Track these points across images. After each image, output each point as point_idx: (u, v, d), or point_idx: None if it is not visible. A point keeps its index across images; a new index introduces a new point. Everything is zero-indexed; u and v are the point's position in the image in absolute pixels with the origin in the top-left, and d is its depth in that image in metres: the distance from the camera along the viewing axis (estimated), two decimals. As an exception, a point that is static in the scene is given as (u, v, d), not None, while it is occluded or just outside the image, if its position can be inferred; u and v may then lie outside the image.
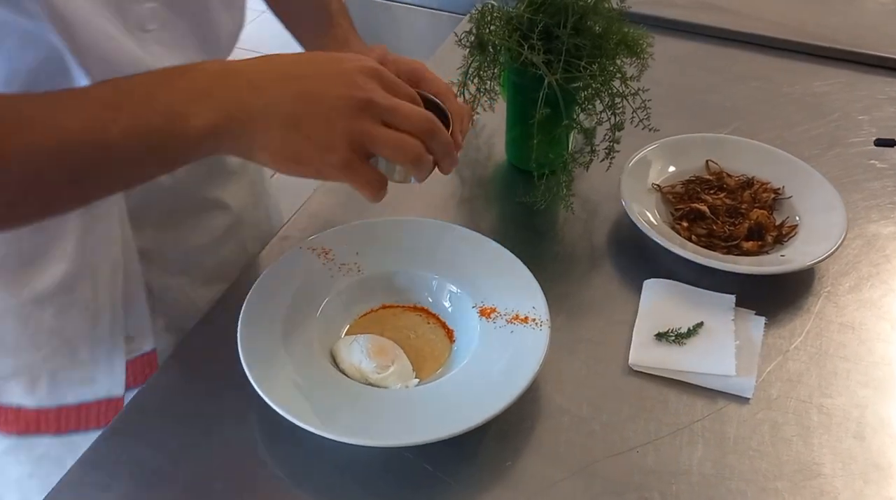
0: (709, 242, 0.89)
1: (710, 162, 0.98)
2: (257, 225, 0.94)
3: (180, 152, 0.57)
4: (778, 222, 0.92)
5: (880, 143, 1.01)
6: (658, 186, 0.95)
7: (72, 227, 0.71)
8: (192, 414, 0.74)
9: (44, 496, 0.67)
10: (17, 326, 0.74)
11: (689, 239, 0.89)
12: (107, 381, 0.78)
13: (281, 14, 0.92)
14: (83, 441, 0.74)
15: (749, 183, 0.96)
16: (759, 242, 0.89)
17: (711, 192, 0.95)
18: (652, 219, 0.90)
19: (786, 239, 0.90)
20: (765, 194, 0.94)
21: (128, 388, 0.81)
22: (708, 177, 0.97)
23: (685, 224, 0.91)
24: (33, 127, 0.53)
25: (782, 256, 0.87)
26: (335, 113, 0.56)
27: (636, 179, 0.94)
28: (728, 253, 0.88)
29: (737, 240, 0.89)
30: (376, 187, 0.60)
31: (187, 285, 0.85)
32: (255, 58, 0.59)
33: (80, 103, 0.54)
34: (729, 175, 0.97)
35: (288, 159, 0.57)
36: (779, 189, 0.95)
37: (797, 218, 0.92)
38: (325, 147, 0.56)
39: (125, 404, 0.76)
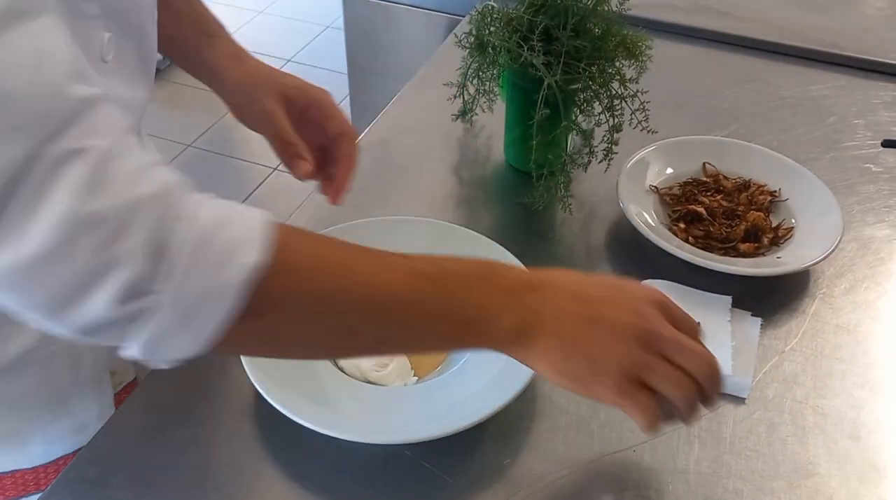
0: (706, 243, 0.90)
1: (707, 164, 0.99)
2: None
3: (473, 343, 0.60)
4: (774, 225, 0.92)
5: (888, 144, 1.02)
6: (655, 187, 0.96)
7: None
8: (190, 410, 0.74)
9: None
10: (2, 390, 0.71)
11: (687, 240, 0.90)
12: (99, 423, 0.75)
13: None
14: None
15: (746, 185, 0.97)
16: (756, 244, 0.90)
17: (708, 194, 0.95)
18: (649, 220, 0.91)
19: (782, 241, 0.90)
20: (761, 197, 0.95)
21: None
22: (705, 179, 0.98)
23: (682, 226, 0.91)
24: (363, 280, 0.54)
25: (779, 257, 0.88)
26: (618, 339, 0.57)
27: (634, 180, 0.95)
28: (725, 255, 0.89)
29: (733, 242, 0.90)
30: (650, 414, 0.58)
31: None
32: (559, 273, 0.61)
33: (404, 268, 0.56)
34: (726, 177, 0.98)
35: (564, 375, 0.58)
36: (775, 192, 0.96)
37: (793, 221, 0.93)
38: (603, 370, 0.57)
39: (123, 400, 0.76)
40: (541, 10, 0.87)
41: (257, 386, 0.69)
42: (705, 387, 0.59)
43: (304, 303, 0.52)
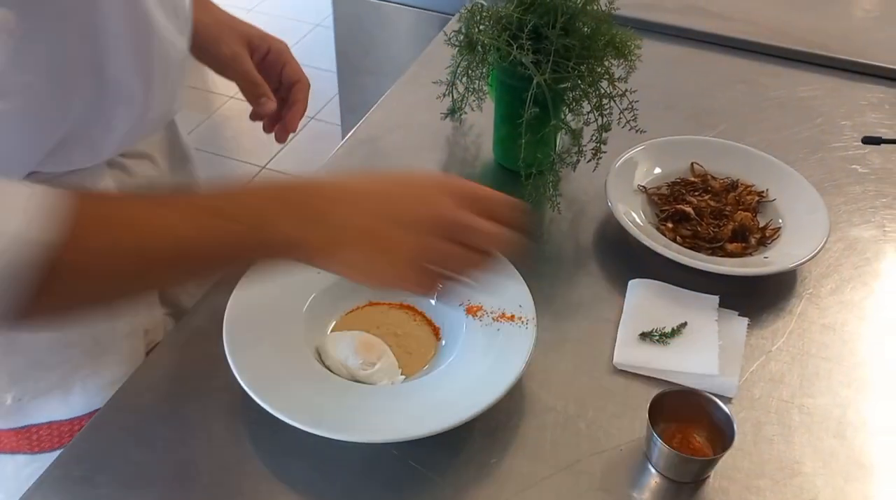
0: (693, 243, 0.90)
1: (695, 164, 0.99)
2: None
3: (248, 259, 0.62)
4: (762, 225, 0.93)
5: (868, 141, 1.02)
6: (644, 187, 0.96)
7: None
8: (177, 409, 0.74)
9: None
10: (50, 338, 0.75)
11: (674, 240, 0.90)
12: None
13: None
14: None
15: (734, 185, 0.97)
16: (743, 245, 0.90)
17: (696, 194, 0.96)
18: (637, 220, 0.91)
19: (769, 241, 0.91)
20: (749, 197, 0.95)
21: None
22: (693, 179, 0.98)
23: (670, 225, 0.92)
24: (148, 230, 0.54)
25: (765, 257, 0.88)
26: (410, 232, 0.58)
27: (622, 180, 0.95)
28: (712, 254, 0.89)
29: (721, 242, 0.90)
30: (425, 289, 0.62)
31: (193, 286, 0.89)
32: (339, 176, 0.63)
33: (189, 211, 0.56)
34: (714, 177, 0.98)
35: (356, 268, 0.60)
36: (763, 192, 0.96)
37: (780, 221, 0.93)
38: (397, 263, 0.59)
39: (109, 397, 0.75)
40: (530, 9, 0.87)
41: (244, 385, 0.69)
42: (492, 259, 0.62)
43: (96, 270, 0.52)
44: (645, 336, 0.80)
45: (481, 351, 0.74)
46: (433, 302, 0.80)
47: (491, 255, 0.62)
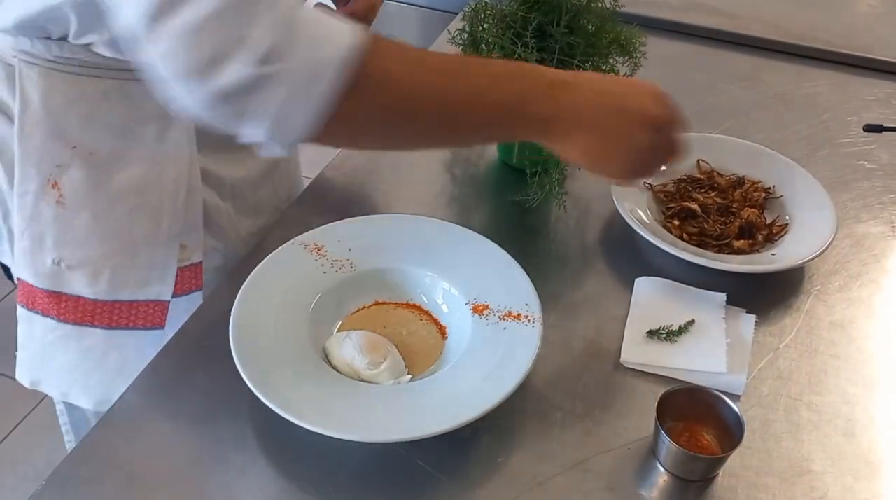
0: (700, 240, 0.90)
1: (701, 161, 0.99)
2: (289, 174, 1.03)
3: (503, 130, 0.71)
4: (769, 221, 0.92)
5: (869, 128, 1.02)
6: (649, 184, 0.95)
7: (149, 132, 0.79)
8: (184, 409, 0.74)
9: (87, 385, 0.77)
10: (90, 219, 0.80)
11: (681, 237, 0.90)
12: (158, 284, 0.85)
13: None
14: (128, 338, 0.86)
15: (740, 182, 0.97)
16: (751, 241, 0.89)
17: (703, 191, 0.95)
18: (644, 217, 0.91)
19: (776, 238, 0.90)
20: (756, 194, 0.95)
21: (174, 295, 0.86)
22: (699, 176, 0.98)
23: (676, 222, 0.91)
24: (466, 81, 0.65)
25: (773, 254, 0.88)
26: (637, 128, 0.68)
27: None
28: (719, 251, 0.89)
29: (728, 239, 0.90)
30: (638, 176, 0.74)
31: (232, 210, 0.92)
32: (588, 74, 0.78)
33: (480, 70, 0.67)
34: (720, 174, 0.97)
35: (590, 155, 0.69)
36: (769, 189, 0.96)
37: (787, 217, 0.92)
38: (625, 156, 0.69)
39: (122, 394, 0.75)
40: (534, 7, 0.87)
41: (250, 385, 0.69)
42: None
43: (400, 88, 0.62)
44: (652, 334, 0.80)
45: (488, 350, 0.74)
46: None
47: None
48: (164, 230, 0.83)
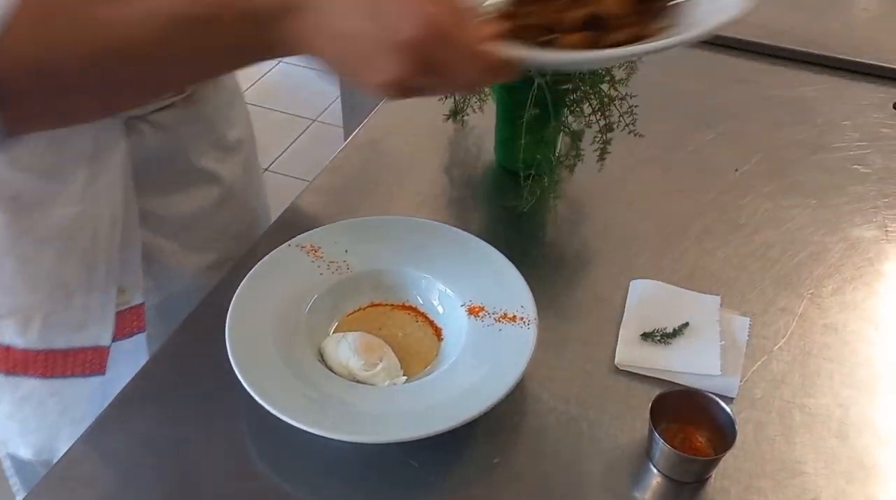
0: (525, 29, 0.67)
1: None
2: (246, 202, 0.97)
3: (248, 48, 0.60)
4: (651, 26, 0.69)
5: None
6: None
7: (80, 174, 0.75)
8: (179, 410, 0.74)
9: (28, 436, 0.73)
10: (16, 266, 0.76)
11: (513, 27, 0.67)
12: (96, 329, 0.80)
13: None
14: (66, 387, 0.81)
15: None
16: (586, 34, 0.66)
17: None
18: None
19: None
20: None
21: (113, 339, 0.83)
22: None
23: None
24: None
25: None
26: (396, 53, 0.56)
27: None
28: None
29: (559, 32, 0.66)
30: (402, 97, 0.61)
31: (178, 250, 0.88)
32: None
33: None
34: None
35: (339, 62, 0.59)
36: None
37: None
38: (381, 58, 0.57)
39: (119, 391, 0.76)
40: (531, 10, 0.87)
41: (246, 386, 0.69)
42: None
43: (53, 69, 0.55)
44: (647, 337, 0.80)
45: (483, 352, 0.74)
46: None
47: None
48: (100, 275, 0.79)
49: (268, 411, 0.68)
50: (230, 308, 0.76)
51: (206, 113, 0.86)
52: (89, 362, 0.82)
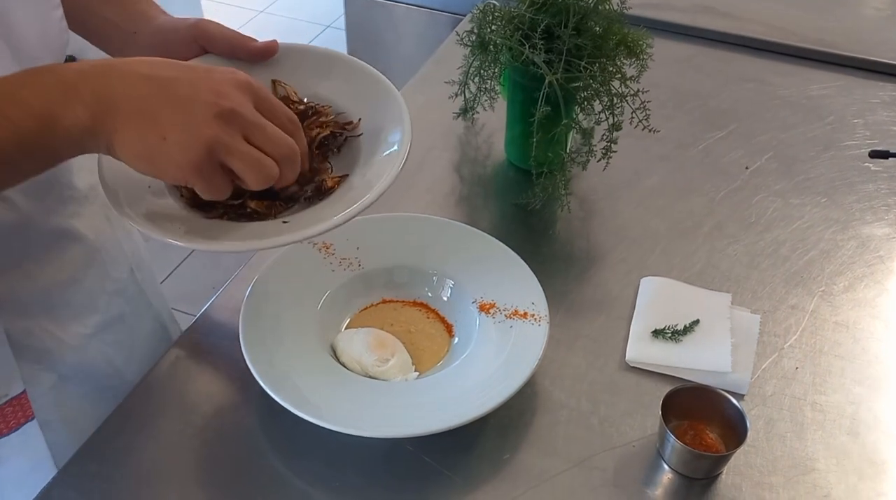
0: (208, 203, 0.65)
1: (278, 83, 0.74)
2: (117, 248, 0.85)
3: (55, 153, 0.57)
4: (330, 172, 0.69)
5: (875, 154, 1.01)
6: None
7: None
8: (193, 405, 0.74)
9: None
10: None
11: (185, 197, 0.67)
12: None
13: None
14: None
15: (308, 112, 0.72)
16: (270, 202, 0.66)
17: None
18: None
19: (327, 193, 0.67)
20: (320, 129, 0.70)
21: (0, 435, 0.74)
22: None
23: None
24: None
25: (285, 222, 0.65)
26: (196, 118, 0.55)
27: None
28: (231, 218, 0.66)
29: (243, 197, 0.65)
30: (218, 192, 0.59)
31: (52, 325, 0.77)
32: (130, 59, 0.58)
33: None
34: (299, 101, 0.73)
35: (140, 156, 0.57)
36: (349, 123, 0.71)
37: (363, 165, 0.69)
38: (174, 149, 0.56)
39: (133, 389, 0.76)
40: (542, 9, 0.88)
41: (260, 381, 0.70)
42: (283, 169, 0.59)
43: None
44: (657, 334, 0.80)
45: (494, 348, 0.75)
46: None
47: (280, 160, 0.59)
48: None
49: (281, 406, 0.68)
50: (243, 304, 0.76)
51: None
52: None
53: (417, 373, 0.75)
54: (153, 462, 0.70)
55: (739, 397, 0.75)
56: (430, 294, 0.83)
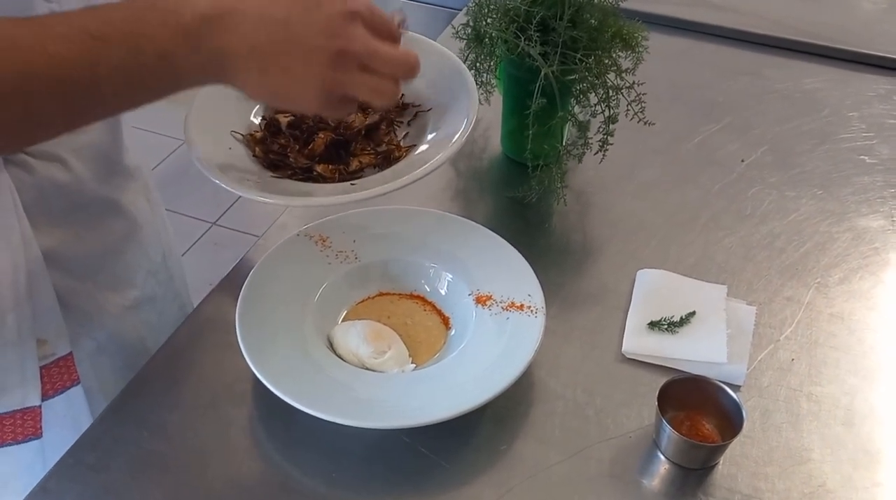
0: (280, 160, 0.72)
1: None
2: (155, 235, 0.90)
3: (168, 89, 0.59)
4: (389, 142, 0.73)
5: None
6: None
7: None
8: (188, 396, 0.75)
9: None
10: None
11: (259, 157, 0.72)
12: (20, 390, 0.73)
13: None
14: (2, 455, 0.74)
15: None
16: (337, 166, 0.71)
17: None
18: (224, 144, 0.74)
19: (396, 159, 0.71)
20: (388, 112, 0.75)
21: (45, 397, 0.76)
22: None
23: (258, 136, 0.74)
24: (26, 52, 0.53)
25: (353, 184, 0.70)
26: (313, 60, 0.58)
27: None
28: (302, 179, 0.72)
29: (311, 161, 0.71)
30: (346, 115, 0.64)
31: (96, 290, 0.81)
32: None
33: (69, 33, 0.54)
34: None
35: (270, 94, 0.61)
36: (413, 103, 0.77)
37: (429, 138, 0.75)
38: (304, 90, 0.59)
39: (130, 381, 0.76)
40: (538, 1, 0.88)
41: (256, 373, 0.70)
42: (404, 81, 0.63)
43: None
44: (653, 325, 0.80)
45: (491, 340, 0.75)
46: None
47: (399, 78, 0.62)
48: (11, 328, 0.71)
49: (277, 398, 0.68)
50: (240, 297, 0.76)
51: (93, 137, 0.79)
52: (20, 427, 0.75)
53: (414, 365, 0.75)
54: (149, 454, 0.70)
55: (735, 388, 0.75)
56: (426, 287, 0.83)
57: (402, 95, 0.77)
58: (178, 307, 0.96)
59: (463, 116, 0.74)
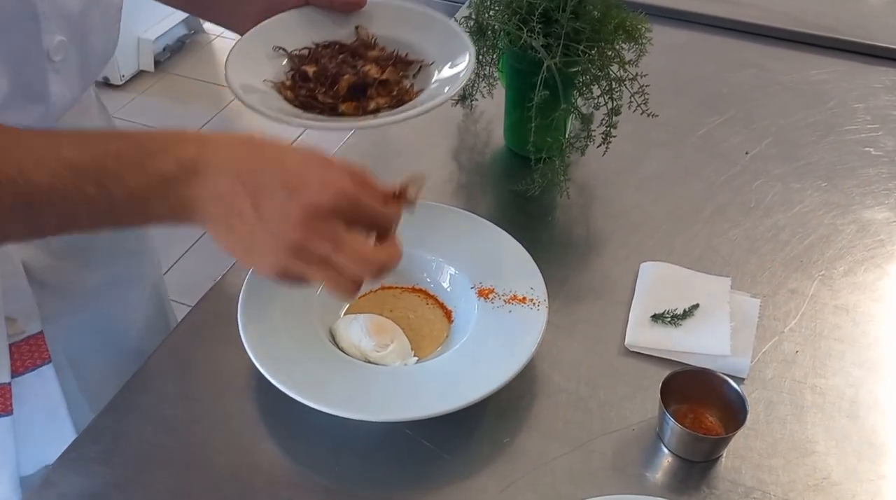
0: (309, 102, 0.78)
1: (360, 28, 0.85)
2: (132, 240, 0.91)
3: (138, 224, 0.60)
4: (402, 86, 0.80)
5: None
6: (283, 48, 0.82)
7: None
8: (191, 390, 0.75)
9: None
10: None
11: (289, 100, 0.78)
12: None
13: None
14: None
15: (391, 57, 0.83)
16: (357, 103, 0.78)
17: (342, 56, 0.82)
18: (258, 85, 0.79)
19: (407, 102, 0.77)
20: (392, 58, 0.81)
21: (15, 374, 0.75)
22: (347, 43, 0.84)
23: (288, 83, 0.80)
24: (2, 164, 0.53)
25: (375, 117, 0.76)
26: (272, 242, 0.56)
27: (262, 42, 0.82)
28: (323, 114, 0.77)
29: (336, 101, 0.78)
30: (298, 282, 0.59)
31: (75, 265, 0.82)
32: (225, 148, 0.57)
33: (46, 157, 0.54)
34: (381, 48, 0.84)
35: (232, 250, 0.58)
36: (423, 60, 0.82)
37: (434, 85, 0.79)
38: (262, 261, 0.57)
39: (127, 380, 0.76)
40: (540, -7, 0.87)
41: (259, 366, 0.70)
42: (372, 279, 0.60)
43: None
44: (657, 318, 0.80)
45: (493, 333, 0.75)
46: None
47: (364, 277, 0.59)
48: None
49: (280, 391, 0.68)
50: (242, 290, 0.76)
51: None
52: None
53: (416, 358, 0.75)
54: (152, 448, 0.70)
55: (739, 380, 0.75)
56: (428, 280, 0.83)
57: (407, 53, 0.83)
58: (150, 286, 0.96)
59: (461, 65, 0.80)
